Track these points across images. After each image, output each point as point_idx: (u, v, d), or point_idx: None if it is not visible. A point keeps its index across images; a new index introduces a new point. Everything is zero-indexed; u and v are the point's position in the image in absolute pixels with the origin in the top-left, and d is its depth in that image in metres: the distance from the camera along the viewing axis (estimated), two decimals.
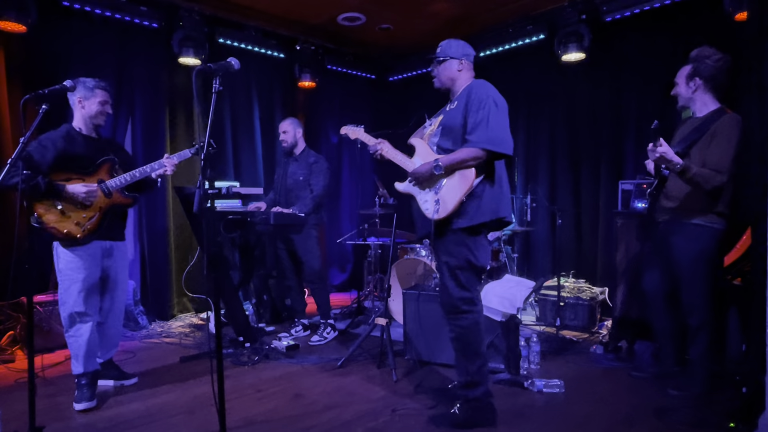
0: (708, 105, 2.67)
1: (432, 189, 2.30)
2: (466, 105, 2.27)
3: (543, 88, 4.97)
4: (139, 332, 4.09)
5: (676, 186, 2.66)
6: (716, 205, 2.57)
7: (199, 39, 4.34)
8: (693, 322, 2.64)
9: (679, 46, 3.92)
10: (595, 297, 4.07)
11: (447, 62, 2.41)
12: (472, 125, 2.22)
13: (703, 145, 2.57)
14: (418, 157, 2.39)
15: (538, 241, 5.07)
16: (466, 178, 2.23)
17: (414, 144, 2.44)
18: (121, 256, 2.83)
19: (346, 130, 2.72)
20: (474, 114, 2.23)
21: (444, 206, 2.24)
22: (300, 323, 4.03)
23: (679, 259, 2.65)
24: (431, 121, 2.48)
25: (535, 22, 4.63)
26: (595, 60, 4.45)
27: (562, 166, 4.89)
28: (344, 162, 6.02)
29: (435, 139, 2.36)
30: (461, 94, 2.36)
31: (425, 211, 2.30)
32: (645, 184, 3.53)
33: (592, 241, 4.65)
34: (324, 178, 3.81)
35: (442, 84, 2.43)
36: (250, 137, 5.14)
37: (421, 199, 2.34)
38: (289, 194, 3.84)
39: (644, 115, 4.24)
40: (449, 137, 2.31)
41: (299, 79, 5.26)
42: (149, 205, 4.46)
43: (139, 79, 4.38)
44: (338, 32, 5.08)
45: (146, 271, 4.46)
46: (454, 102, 2.38)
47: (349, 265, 6.05)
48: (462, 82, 2.41)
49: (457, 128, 2.29)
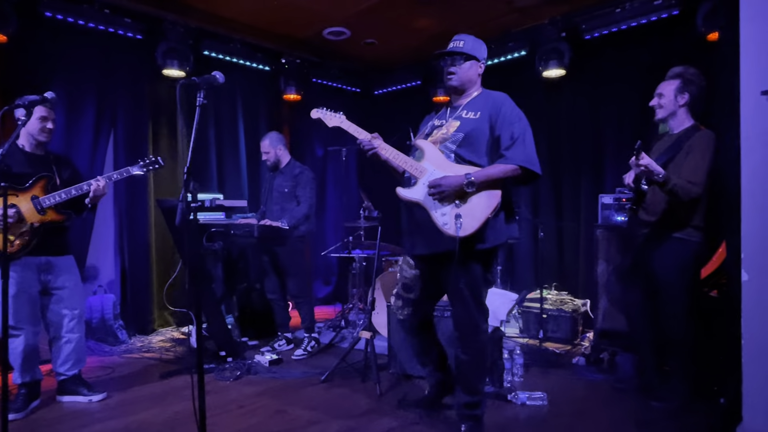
0: (684, 122, 2.74)
1: (452, 203, 2.10)
2: (497, 117, 2.16)
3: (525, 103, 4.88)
4: (119, 347, 4.00)
5: (655, 200, 2.72)
6: (693, 218, 2.63)
7: (183, 51, 4.33)
8: (672, 334, 2.68)
9: (655, 62, 4.03)
10: (578, 309, 4.10)
11: (472, 61, 2.25)
12: (509, 140, 2.12)
13: (679, 160, 2.63)
14: (428, 162, 2.15)
15: (521, 253, 5.11)
16: (494, 196, 2.11)
17: (422, 147, 2.19)
18: (66, 269, 2.82)
19: (320, 114, 2.33)
20: (509, 128, 2.13)
21: (468, 224, 2.06)
22: (283, 337, 3.99)
23: (658, 271, 2.69)
24: (438, 122, 2.29)
25: (516, 39, 4.72)
26: (575, 76, 4.54)
27: (545, 179, 4.95)
28: (329, 174, 6.02)
29: (452, 146, 2.17)
30: (479, 101, 2.24)
31: (443, 226, 2.08)
32: (624, 198, 3.59)
33: (573, 254, 4.70)
34: (310, 189, 3.80)
35: (461, 84, 2.24)
36: (234, 150, 5.11)
37: (437, 212, 2.10)
38: (276, 207, 3.82)
39: (622, 129, 4.33)
40: (471, 148, 2.16)
41: (284, 92, 5.27)
42: (130, 218, 4.40)
43: (122, 91, 4.34)
44: (324, 46, 5.11)
45: (126, 285, 4.38)
46: (465, 109, 2.23)
47: (334, 278, 6.01)
48: (476, 87, 2.30)
49: (482, 140, 2.16)
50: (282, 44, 5.08)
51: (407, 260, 2.40)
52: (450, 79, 2.26)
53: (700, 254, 2.69)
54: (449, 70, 2.25)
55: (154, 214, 4.47)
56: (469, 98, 2.29)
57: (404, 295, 2.42)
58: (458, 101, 2.33)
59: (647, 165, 2.46)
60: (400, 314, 2.45)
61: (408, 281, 2.39)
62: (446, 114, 2.34)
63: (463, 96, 2.31)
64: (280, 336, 3.99)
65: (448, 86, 2.28)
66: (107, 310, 4.08)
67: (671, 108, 2.72)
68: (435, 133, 2.28)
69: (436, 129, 2.30)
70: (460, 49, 2.25)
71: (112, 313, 4.10)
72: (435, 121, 2.34)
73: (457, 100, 2.33)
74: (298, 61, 5.25)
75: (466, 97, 2.30)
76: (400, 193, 2.18)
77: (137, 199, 4.43)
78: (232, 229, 3.67)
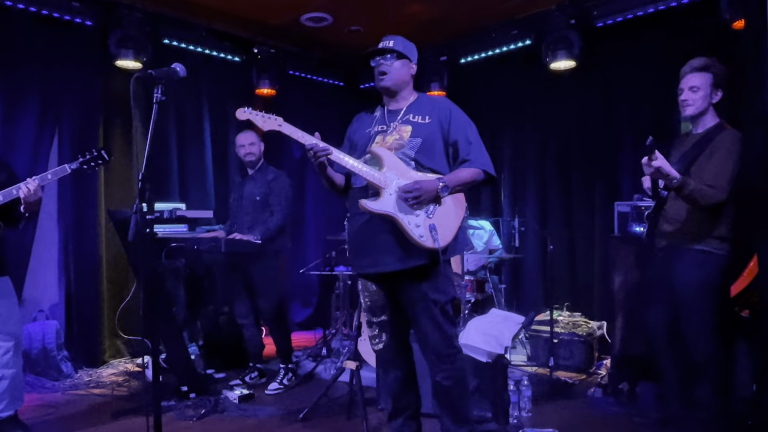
0: (709, 121, 2.79)
1: (422, 212, 2.24)
2: (449, 122, 2.34)
3: (530, 98, 5.12)
4: (63, 382, 3.95)
5: (675, 208, 2.76)
6: (718, 228, 2.67)
7: (140, 39, 4.32)
8: (698, 358, 2.70)
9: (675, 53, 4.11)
10: (593, 332, 4.13)
11: (404, 61, 2.41)
12: (466, 144, 2.33)
13: (702, 163, 2.68)
14: (391, 171, 2.27)
15: (528, 269, 5.14)
16: (461, 203, 2.31)
17: (379, 154, 2.29)
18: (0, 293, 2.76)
19: (249, 115, 2.35)
20: (463, 132, 2.34)
21: (444, 234, 2.22)
22: (256, 368, 3.97)
23: (680, 288, 2.72)
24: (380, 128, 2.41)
25: (520, 26, 4.79)
26: (586, 68, 4.61)
27: (553, 184, 5.01)
28: (308, 180, 6.02)
29: (411, 153, 2.31)
30: (423, 105, 2.40)
31: (419, 239, 2.20)
32: (643, 206, 3.65)
33: (587, 270, 4.75)
34: (286, 197, 3.81)
35: (394, 84, 2.38)
36: (199, 152, 5.11)
37: (410, 224, 2.21)
38: (246, 218, 3.82)
39: (640, 127, 4.40)
40: (430, 154, 2.32)
41: (257, 85, 5.27)
42: (77, 232, 4.37)
43: (69, 85, 4.32)
44: (302, 34, 5.14)
45: (72, 310, 4.33)
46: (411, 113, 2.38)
47: (314, 299, 5.99)
48: (410, 90, 2.45)
49: (437, 146, 2.34)
50: (254, 31, 5.09)
51: (363, 280, 2.46)
52: (382, 80, 2.38)
53: (727, 269, 2.72)
54: (381, 69, 2.38)
55: (106, 227, 4.44)
56: (407, 101, 2.43)
57: (375, 320, 2.45)
58: (395, 104, 2.44)
59: (660, 166, 2.50)
60: (379, 344, 2.46)
61: (373, 302, 2.44)
62: (385, 118, 2.44)
63: (398, 99, 2.44)
64: (251, 367, 3.97)
65: (379, 87, 2.42)
66: (49, 339, 4.02)
67: (704, 105, 2.75)
68: (383, 140, 2.37)
69: (380, 135, 2.40)
70: (389, 47, 2.38)
71: (55, 343, 4.05)
72: (376, 128, 2.43)
73: (393, 103, 2.45)
74: (273, 51, 5.27)
75: (404, 100, 2.43)
76: (367, 206, 2.22)
77: (85, 209, 4.40)
78: (195, 243, 3.65)
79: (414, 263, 2.25)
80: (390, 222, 2.24)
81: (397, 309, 2.42)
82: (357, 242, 2.39)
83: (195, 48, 4.84)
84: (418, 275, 2.26)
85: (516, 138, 5.26)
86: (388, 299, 2.42)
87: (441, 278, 2.29)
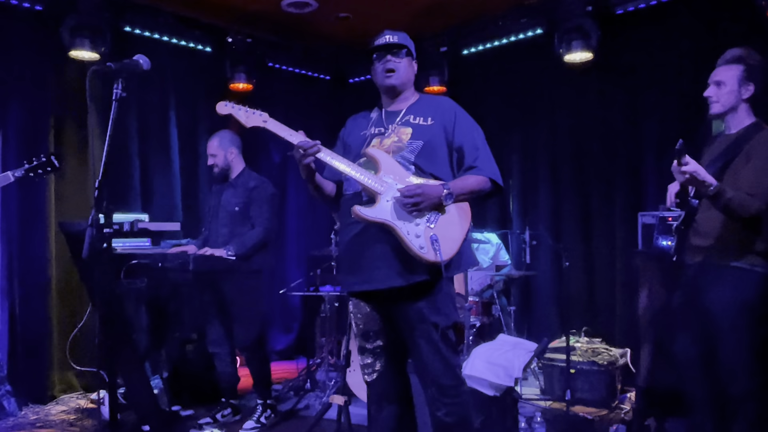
0: (744, 119, 2.80)
1: (422, 221, 2.24)
2: (454, 124, 2.39)
3: (542, 95, 5.15)
4: (5, 421, 3.90)
5: (708, 219, 2.76)
6: (757, 242, 2.67)
7: (98, 27, 4.31)
8: (735, 392, 2.69)
9: (705, 43, 4.15)
10: (615, 361, 4.13)
11: (410, 59, 2.48)
12: (474, 150, 2.37)
13: (737, 167, 2.69)
14: (388, 175, 2.27)
15: (541, 289, 5.13)
16: (466, 213, 2.32)
17: (375, 157, 2.31)
18: None
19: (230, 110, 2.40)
20: (470, 137, 2.39)
21: (447, 246, 2.21)
22: (229, 404, 3.93)
23: (715, 312, 2.72)
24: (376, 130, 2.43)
25: (530, 14, 4.83)
26: (605, 60, 4.64)
27: (568, 192, 5.02)
28: (290, 188, 6.01)
29: (410, 156, 2.33)
30: (424, 106, 2.45)
31: (419, 250, 2.18)
32: (671, 216, 3.66)
33: (608, 289, 4.74)
34: (269, 208, 3.80)
35: (401, 83, 2.45)
36: (164, 156, 5.09)
37: (409, 234, 2.20)
38: (224, 231, 3.80)
39: (666, 127, 4.43)
40: (431, 159, 2.35)
41: (231, 79, 5.28)
42: (23, 248, 4.33)
43: (16, 78, 4.30)
44: (283, 21, 5.15)
45: (16, 338, 4.29)
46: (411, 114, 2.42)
47: (296, 325, 5.97)
48: (412, 90, 2.51)
49: (440, 150, 2.37)
50: (228, 18, 5.10)
51: (355, 301, 2.45)
52: (389, 77, 2.42)
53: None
54: (389, 66, 2.41)
55: (56, 243, 4.41)
56: (407, 102, 2.47)
57: (369, 346, 2.42)
58: (395, 105, 2.48)
59: (693, 172, 2.50)
60: (372, 373, 2.43)
61: (366, 326, 2.42)
62: (382, 120, 2.47)
63: (399, 100, 2.48)
64: (224, 403, 3.93)
65: (385, 85, 2.45)
66: None
67: (732, 101, 2.77)
68: (380, 143, 2.39)
69: (377, 137, 2.42)
70: (398, 42, 2.43)
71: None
72: (373, 130, 2.46)
73: (392, 104, 2.49)
74: (250, 41, 5.28)
75: (404, 102, 2.47)
76: (361, 212, 2.22)
77: (33, 222, 4.36)
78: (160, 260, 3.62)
79: (413, 279, 2.23)
80: (386, 232, 2.23)
81: (393, 334, 2.40)
82: (348, 256, 2.38)
83: (161, 37, 4.85)
84: (417, 294, 2.26)
85: (526, 140, 5.27)
86: (384, 322, 2.40)
87: (442, 298, 2.29)
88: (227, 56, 5.25)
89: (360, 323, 2.44)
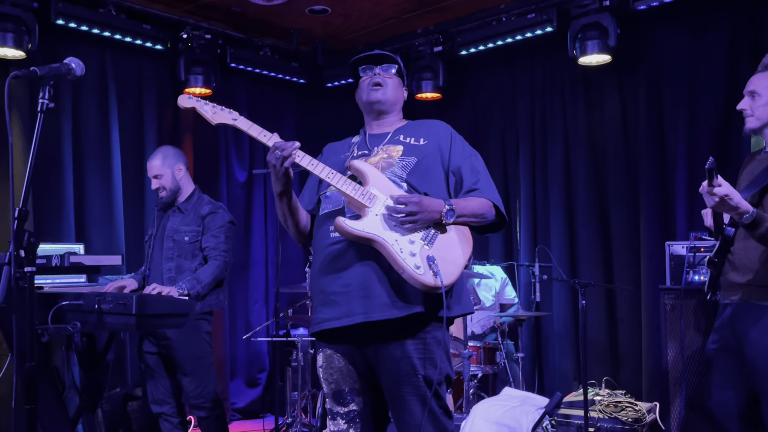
0: None
1: (417, 238, 2.22)
2: (450, 147, 2.45)
3: (553, 104, 5.19)
4: None
5: (745, 251, 2.77)
6: None
7: (22, 20, 4.27)
8: None
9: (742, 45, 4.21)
10: (641, 418, 4.12)
11: (401, 81, 2.56)
12: (472, 173, 2.43)
13: None
14: (375, 188, 2.27)
15: (553, 332, 5.12)
16: (467, 238, 2.34)
17: (362, 170, 2.31)
18: None
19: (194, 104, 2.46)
20: (468, 160, 2.46)
21: (447, 268, 2.18)
22: None
23: (756, 359, 2.72)
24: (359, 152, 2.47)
25: (539, 9, 4.87)
26: (625, 63, 4.70)
27: (584, 217, 5.04)
28: (255, 211, 6.00)
29: (402, 173, 2.34)
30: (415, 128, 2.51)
31: (414, 270, 2.13)
32: (703, 246, 3.68)
33: (632, 333, 4.75)
34: (227, 239, 3.78)
35: (387, 101, 2.49)
36: (104, 175, 5.06)
37: (401, 249, 2.17)
38: (170, 265, 3.78)
39: (697, 142, 4.49)
40: (425, 178, 2.37)
41: (186, 83, 5.27)
42: None
43: None
44: (248, 15, 5.18)
45: None
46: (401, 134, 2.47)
47: (263, 376, 5.95)
48: (400, 115, 2.58)
49: (435, 172, 2.41)
50: (182, 10, 5.11)
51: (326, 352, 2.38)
52: (375, 91, 2.45)
53: None
54: (376, 80, 2.45)
55: None
56: (394, 126, 2.52)
57: (342, 410, 2.36)
58: (379, 128, 2.52)
59: (725, 195, 2.50)
60: None
61: (339, 384, 2.36)
62: (366, 143, 2.49)
63: (385, 122, 2.53)
64: None
65: (370, 100, 2.48)
66: None
67: None
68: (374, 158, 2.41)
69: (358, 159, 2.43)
70: (391, 56, 2.51)
71: None
72: (356, 153, 2.48)
73: (377, 126, 2.53)
74: (209, 37, 5.29)
75: (391, 124, 2.52)
76: (345, 226, 2.17)
77: None
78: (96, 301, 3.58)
79: (406, 311, 2.18)
80: (372, 253, 2.19)
81: (373, 394, 2.36)
82: (321, 286, 2.31)
83: (100, 32, 4.78)
84: (405, 335, 2.21)
85: (534, 156, 5.27)
86: (362, 379, 2.35)
87: (435, 343, 2.25)
88: (182, 55, 5.25)
89: (331, 381, 2.37)
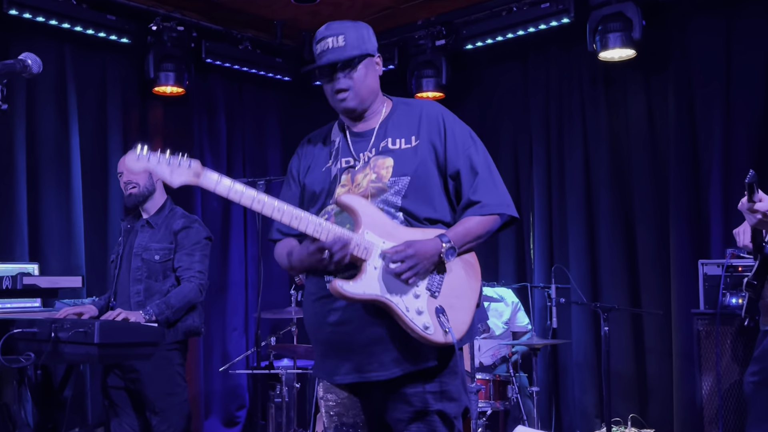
0: None
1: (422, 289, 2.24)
2: (444, 140, 2.38)
3: (571, 105, 5.20)
4: None
5: None
6: None
7: None
8: None
9: None
10: None
11: (367, 60, 2.43)
12: (470, 175, 2.36)
13: None
14: (370, 231, 2.25)
15: (573, 362, 5.11)
16: (474, 268, 2.35)
17: (352, 206, 2.27)
18: None
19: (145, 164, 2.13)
20: (465, 155, 2.38)
21: (457, 318, 2.23)
22: None
23: None
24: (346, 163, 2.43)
25: None
26: (652, 58, 4.72)
27: (606, 232, 5.03)
28: (234, 227, 6.02)
29: (396, 199, 2.32)
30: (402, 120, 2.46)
31: (423, 331, 2.18)
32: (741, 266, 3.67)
33: (662, 363, 4.74)
34: (202, 256, 3.79)
35: (362, 102, 2.42)
36: (62, 186, 5.07)
37: (407, 308, 2.21)
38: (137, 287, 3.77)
39: (733, 147, 4.49)
40: (424, 197, 2.35)
41: (156, 80, 5.30)
42: None
43: None
44: (226, 4, 5.23)
45: None
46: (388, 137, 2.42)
47: (242, 414, 5.97)
48: (380, 98, 2.51)
49: (433, 182, 2.37)
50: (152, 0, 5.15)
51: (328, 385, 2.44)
52: (343, 100, 2.41)
53: None
54: (338, 87, 2.39)
55: None
56: (378, 116, 2.48)
57: None
58: (362, 124, 2.49)
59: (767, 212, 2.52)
60: None
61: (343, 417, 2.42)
62: (349, 147, 2.46)
63: (368, 116, 2.49)
64: None
65: (341, 109, 2.46)
66: None
67: None
68: (352, 182, 2.38)
69: (346, 173, 2.40)
70: (345, 52, 2.39)
71: None
72: (339, 162, 2.44)
73: (358, 124, 2.49)
74: (182, 29, 5.32)
75: (373, 117, 2.48)
76: (344, 290, 2.17)
77: None
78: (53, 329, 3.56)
79: (418, 366, 2.24)
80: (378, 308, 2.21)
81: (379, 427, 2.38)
82: (326, 337, 2.35)
83: (59, 24, 4.81)
84: (418, 376, 2.26)
85: (549, 164, 5.27)
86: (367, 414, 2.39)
87: (452, 379, 2.29)
88: (151, 50, 5.27)
89: (333, 413, 2.42)
